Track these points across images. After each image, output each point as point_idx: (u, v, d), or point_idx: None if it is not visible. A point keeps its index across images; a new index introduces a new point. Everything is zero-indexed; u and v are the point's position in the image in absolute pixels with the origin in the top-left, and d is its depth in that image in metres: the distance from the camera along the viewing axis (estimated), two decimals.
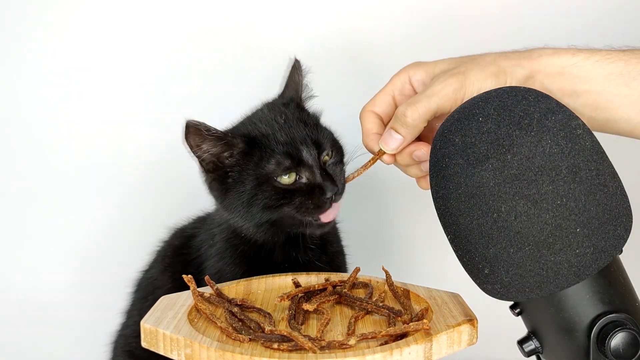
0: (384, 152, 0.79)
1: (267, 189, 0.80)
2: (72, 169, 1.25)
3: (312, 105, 0.91)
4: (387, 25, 1.21)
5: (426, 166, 0.79)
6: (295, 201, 0.80)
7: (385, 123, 0.82)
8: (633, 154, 1.07)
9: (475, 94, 0.72)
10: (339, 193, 0.81)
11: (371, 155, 0.81)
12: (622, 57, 0.73)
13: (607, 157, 0.61)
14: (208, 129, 0.77)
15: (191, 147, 0.79)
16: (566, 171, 0.57)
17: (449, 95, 0.74)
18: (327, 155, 0.83)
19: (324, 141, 0.83)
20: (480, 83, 0.73)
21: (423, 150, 0.78)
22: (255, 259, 0.85)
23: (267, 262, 0.85)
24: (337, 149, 0.85)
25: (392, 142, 0.77)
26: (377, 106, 0.82)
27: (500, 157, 0.57)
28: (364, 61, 1.23)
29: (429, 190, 0.67)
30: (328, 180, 0.80)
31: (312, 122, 0.84)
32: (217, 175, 0.82)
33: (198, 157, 0.80)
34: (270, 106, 0.87)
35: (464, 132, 0.60)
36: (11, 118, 1.24)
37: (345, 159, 0.87)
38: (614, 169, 0.61)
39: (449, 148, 0.61)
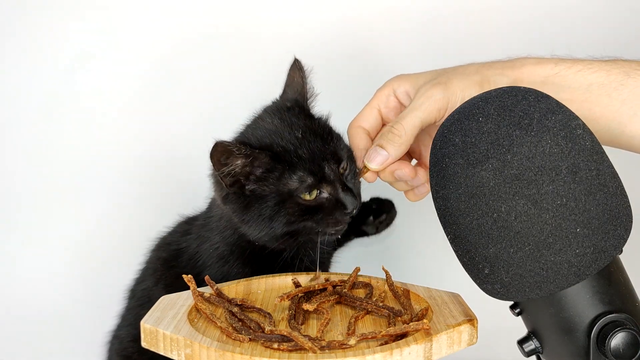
0: (368, 169, 0.80)
1: (290, 205, 0.79)
2: (70, 170, 1.25)
3: (316, 106, 0.90)
4: (387, 26, 1.21)
5: (398, 174, 0.81)
6: (317, 217, 0.80)
7: (372, 137, 0.84)
8: (633, 154, 1.07)
9: (459, 103, 0.73)
10: (358, 207, 0.82)
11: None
12: (603, 67, 0.74)
13: (607, 157, 0.61)
14: (239, 148, 0.76)
15: (216, 165, 0.77)
16: (566, 171, 0.57)
17: (432, 106, 0.76)
18: (343, 167, 0.83)
19: (342, 153, 0.83)
20: (463, 92, 0.74)
21: (404, 171, 0.80)
22: (261, 259, 0.85)
23: (274, 260, 0.85)
24: (351, 159, 0.84)
25: (378, 157, 0.78)
26: (364, 121, 0.83)
27: (500, 157, 0.57)
28: (365, 61, 1.23)
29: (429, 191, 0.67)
30: (349, 195, 0.80)
31: (326, 133, 0.83)
32: (237, 188, 0.80)
33: (221, 173, 0.78)
34: (276, 113, 0.85)
35: (464, 132, 0.60)
36: (9, 119, 1.24)
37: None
38: (614, 169, 0.61)
39: (449, 148, 0.61)
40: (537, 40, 1.16)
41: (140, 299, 0.95)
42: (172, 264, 0.92)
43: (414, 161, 0.89)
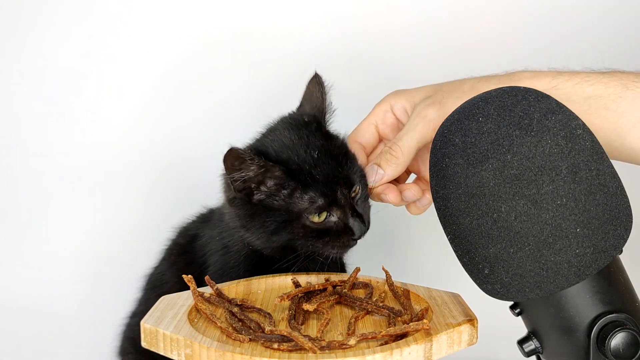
0: None
1: (296, 225, 0.79)
2: (74, 169, 1.25)
3: (332, 122, 0.88)
4: (391, 35, 1.22)
5: (405, 196, 0.83)
6: (324, 240, 0.80)
7: (367, 153, 0.85)
8: None
9: None
10: (365, 232, 0.81)
11: None
12: (601, 80, 0.74)
13: (607, 157, 0.61)
14: (252, 157, 0.76)
15: (228, 169, 0.77)
16: (566, 171, 0.57)
17: (427, 126, 0.77)
18: (355, 191, 0.82)
19: (354, 176, 0.82)
20: None
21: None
22: (259, 259, 0.85)
23: (271, 262, 0.85)
24: (364, 182, 0.83)
25: (375, 176, 0.80)
26: (360, 136, 0.85)
27: (500, 157, 0.57)
28: (369, 69, 1.23)
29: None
30: (358, 220, 0.80)
31: (342, 155, 0.82)
32: (244, 195, 0.80)
33: (231, 177, 0.78)
34: (294, 127, 0.84)
35: (464, 132, 0.60)
36: (14, 119, 1.24)
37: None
38: (614, 169, 0.61)
39: (449, 148, 0.61)
40: (534, 50, 1.17)
41: (153, 282, 0.97)
42: (185, 249, 0.93)
43: (413, 176, 0.90)
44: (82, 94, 1.24)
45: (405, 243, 1.28)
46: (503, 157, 0.57)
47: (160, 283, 0.94)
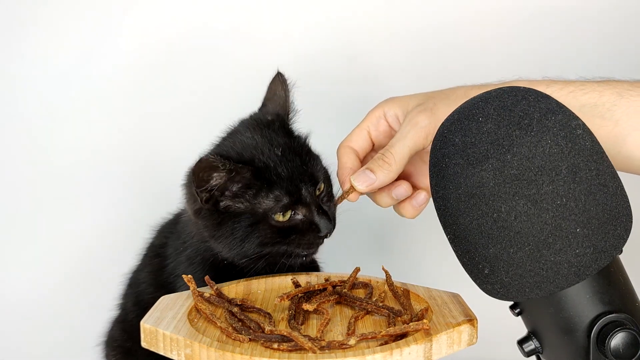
0: (354, 189, 0.80)
1: (263, 227, 0.78)
2: (70, 170, 1.25)
3: (299, 121, 0.88)
4: (383, 43, 1.22)
5: (396, 193, 0.82)
6: (290, 239, 0.79)
7: (360, 158, 0.85)
8: None
9: None
10: (332, 230, 0.81)
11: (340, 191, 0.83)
12: (596, 88, 0.74)
13: (607, 157, 0.61)
14: (223, 163, 0.74)
15: (197, 181, 0.75)
16: (566, 171, 0.57)
17: (419, 134, 0.77)
18: (319, 188, 0.82)
19: (318, 174, 0.82)
20: None
21: (404, 187, 0.81)
22: (224, 269, 0.83)
23: (237, 273, 0.84)
24: (328, 180, 0.84)
25: (367, 181, 0.79)
26: (353, 141, 0.84)
27: (500, 157, 0.57)
28: (356, 78, 1.23)
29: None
30: (324, 218, 0.80)
31: (305, 152, 0.82)
32: (211, 205, 0.78)
33: (199, 188, 0.76)
34: (256, 127, 0.83)
35: (464, 132, 0.60)
36: (10, 119, 1.24)
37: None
38: (614, 169, 0.61)
39: (449, 148, 0.61)
40: (531, 55, 1.17)
41: (131, 280, 0.96)
42: (158, 252, 0.92)
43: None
44: (78, 96, 1.24)
45: (405, 243, 1.28)
46: (503, 157, 0.57)
47: (137, 282, 0.93)
